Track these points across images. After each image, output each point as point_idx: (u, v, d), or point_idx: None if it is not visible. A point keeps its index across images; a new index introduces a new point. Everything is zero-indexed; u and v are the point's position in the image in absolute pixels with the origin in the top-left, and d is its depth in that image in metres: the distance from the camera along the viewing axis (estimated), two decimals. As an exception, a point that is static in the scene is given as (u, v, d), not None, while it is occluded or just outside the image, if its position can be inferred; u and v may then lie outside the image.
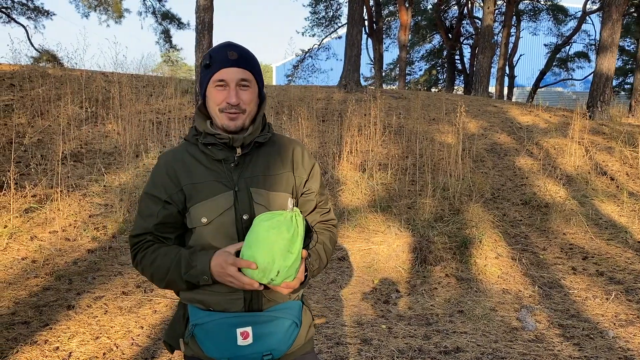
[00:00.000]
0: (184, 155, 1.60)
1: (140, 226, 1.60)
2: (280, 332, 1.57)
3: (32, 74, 9.19)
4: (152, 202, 1.59)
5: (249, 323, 1.53)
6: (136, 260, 1.61)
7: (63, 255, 4.71)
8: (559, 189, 6.74)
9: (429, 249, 5.11)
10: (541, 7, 24.23)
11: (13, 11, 20.58)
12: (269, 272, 1.44)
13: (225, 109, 1.54)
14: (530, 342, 3.65)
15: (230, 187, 1.55)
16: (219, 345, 1.53)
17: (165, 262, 1.53)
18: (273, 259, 1.43)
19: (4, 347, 3.28)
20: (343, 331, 3.76)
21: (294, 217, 1.47)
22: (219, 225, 1.54)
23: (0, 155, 6.16)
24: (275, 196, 1.58)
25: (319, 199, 1.72)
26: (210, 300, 1.55)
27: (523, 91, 29.84)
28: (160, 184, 1.58)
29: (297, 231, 1.46)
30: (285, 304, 1.60)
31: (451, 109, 9.75)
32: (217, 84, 1.54)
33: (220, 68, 1.53)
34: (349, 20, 11.73)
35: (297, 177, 1.65)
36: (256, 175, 1.58)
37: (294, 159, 1.66)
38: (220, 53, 1.55)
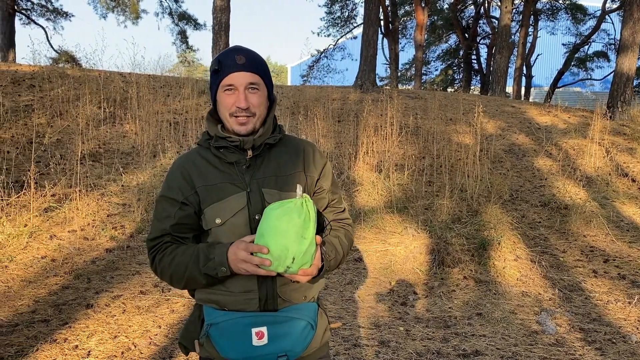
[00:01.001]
0: (197, 159, 1.62)
1: (158, 229, 1.62)
2: (295, 333, 1.56)
3: (52, 74, 9.30)
4: (169, 204, 1.60)
5: (264, 323, 1.53)
6: (155, 262, 1.61)
7: (82, 254, 4.75)
8: (579, 191, 6.64)
9: (446, 251, 5.06)
10: (559, 6, 23.94)
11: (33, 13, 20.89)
12: (284, 259, 1.43)
13: (235, 113, 1.55)
14: (551, 346, 3.59)
15: (242, 188, 1.57)
16: (234, 345, 1.53)
17: (184, 259, 1.54)
18: (287, 246, 1.43)
19: (25, 345, 3.31)
20: (360, 333, 3.73)
21: (303, 202, 1.47)
22: (232, 226, 1.55)
23: (21, 155, 6.24)
24: (287, 196, 1.58)
25: (330, 197, 1.72)
26: (225, 300, 1.55)
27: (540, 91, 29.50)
28: (175, 186, 1.60)
29: (308, 216, 1.46)
30: (301, 305, 1.59)
31: (468, 109, 9.67)
32: (226, 88, 1.56)
33: (229, 73, 1.55)
34: (365, 21, 11.69)
35: (308, 176, 1.66)
36: (268, 176, 1.60)
37: (305, 159, 1.67)
38: (228, 58, 1.57)
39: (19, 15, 19.40)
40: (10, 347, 3.27)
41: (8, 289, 4.06)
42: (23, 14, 20.17)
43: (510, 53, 16.93)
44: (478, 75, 26.36)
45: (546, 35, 26.31)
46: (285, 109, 9.12)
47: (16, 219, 5.00)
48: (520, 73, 21.01)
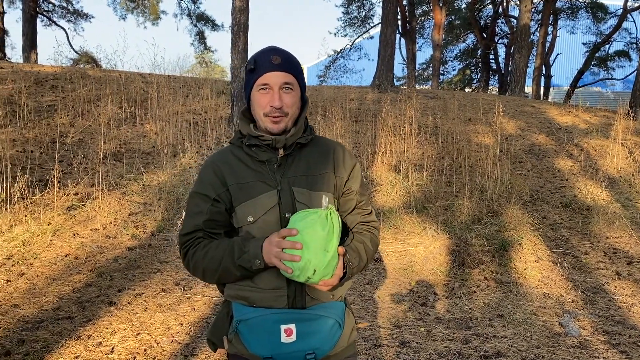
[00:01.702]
0: (230, 157, 1.64)
1: (190, 224, 1.63)
2: (323, 331, 1.56)
3: (73, 75, 9.44)
4: (201, 200, 1.62)
5: (293, 320, 1.54)
6: (187, 257, 1.62)
7: (104, 252, 4.81)
8: (601, 192, 6.55)
9: (467, 252, 5.03)
10: (580, 4, 23.61)
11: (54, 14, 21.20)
12: (305, 270, 1.45)
13: (270, 112, 1.57)
14: (574, 348, 3.55)
15: (273, 186, 1.58)
16: (262, 342, 1.54)
17: (218, 253, 1.56)
18: (309, 259, 1.44)
19: (50, 340, 3.37)
20: (380, 333, 3.73)
21: (328, 214, 1.47)
22: (264, 223, 1.57)
23: (44, 154, 6.34)
24: (317, 195, 1.60)
25: (359, 199, 1.72)
26: (254, 296, 1.56)
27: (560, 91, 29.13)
28: (208, 183, 1.62)
29: (332, 229, 1.47)
30: (329, 304, 1.60)
31: (488, 109, 9.59)
32: (261, 87, 1.57)
33: (265, 72, 1.56)
34: (383, 20, 11.66)
35: (338, 177, 1.66)
36: (298, 175, 1.61)
37: (335, 159, 1.68)
38: (264, 57, 1.58)
39: (41, 17, 19.71)
40: (36, 343, 3.33)
41: (33, 286, 4.13)
42: (44, 15, 20.49)
43: (529, 53, 16.75)
44: (496, 75, 26.13)
45: (566, 34, 25.97)
46: (303, 109, 9.13)
47: (40, 217, 5.08)
48: (540, 73, 20.78)
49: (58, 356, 3.21)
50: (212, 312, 3.91)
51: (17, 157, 6.08)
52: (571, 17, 24.26)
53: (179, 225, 5.35)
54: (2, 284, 4.09)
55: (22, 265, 4.41)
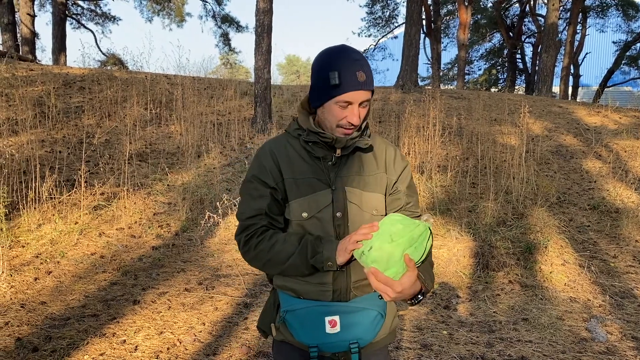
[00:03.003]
0: (287, 147, 1.65)
1: (252, 207, 1.63)
2: (366, 322, 1.61)
3: (100, 77, 9.61)
4: (262, 185, 1.62)
5: (337, 312, 1.58)
6: (249, 244, 1.62)
7: (129, 251, 4.88)
8: (631, 194, 6.39)
9: (491, 254, 4.96)
10: (610, 2, 23.10)
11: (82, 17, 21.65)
12: (366, 244, 1.42)
13: (345, 125, 1.57)
14: (602, 354, 3.47)
15: (327, 184, 1.60)
16: (308, 332, 1.59)
17: (287, 248, 1.56)
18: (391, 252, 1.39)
19: (76, 338, 3.43)
20: (402, 336, 3.70)
21: (426, 229, 1.43)
22: (317, 221, 1.59)
23: (72, 155, 6.46)
24: (368, 196, 1.63)
25: (406, 200, 1.71)
26: (301, 289, 1.60)
27: (589, 91, 28.56)
28: (268, 170, 1.62)
29: (422, 242, 1.43)
30: (371, 295, 1.63)
31: (513, 110, 9.45)
32: (342, 104, 1.54)
33: (350, 90, 1.52)
34: (407, 20, 11.59)
35: (388, 178, 1.69)
36: (351, 175, 1.63)
37: (387, 160, 1.70)
38: (349, 73, 1.52)
39: (70, 20, 20.14)
40: (63, 340, 3.39)
41: (60, 284, 4.21)
42: (73, 18, 20.94)
43: (557, 52, 16.45)
44: (523, 75, 25.75)
45: (595, 33, 25.44)
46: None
47: (67, 216, 5.18)
48: (568, 72, 20.39)
49: (83, 353, 3.26)
50: (234, 311, 3.94)
51: (45, 157, 6.21)
52: (601, 15, 23.74)
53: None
54: (30, 282, 4.18)
55: (49, 263, 4.50)
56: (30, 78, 8.85)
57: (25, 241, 4.76)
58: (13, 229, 4.88)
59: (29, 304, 3.87)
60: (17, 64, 9.96)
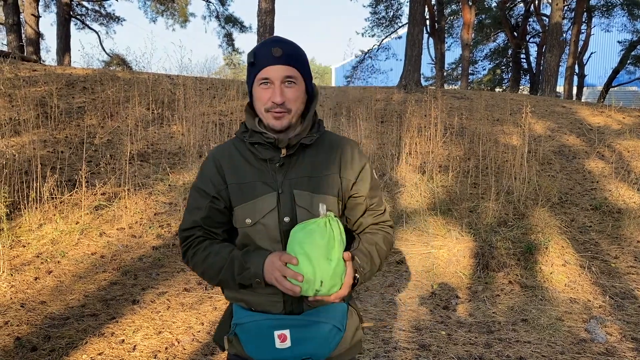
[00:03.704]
0: (232, 152, 1.59)
1: (189, 220, 1.60)
2: (319, 337, 1.53)
3: (103, 77, 9.64)
4: (200, 195, 1.58)
5: (287, 326, 1.51)
6: (187, 256, 1.61)
7: (129, 251, 4.89)
8: (633, 194, 6.36)
9: (491, 255, 4.95)
10: (615, 2, 23.00)
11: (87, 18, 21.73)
12: (312, 283, 1.41)
13: (271, 108, 1.50)
14: (601, 355, 3.45)
15: (274, 188, 1.52)
16: (258, 346, 1.53)
17: (218, 261, 1.53)
18: (314, 270, 1.40)
19: (75, 337, 3.44)
20: (401, 336, 3.69)
21: (327, 222, 1.43)
22: (263, 227, 1.52)
23: (73, 155, 6.49)
24: (319, 199, 1.53)
25: (369, 202, 1.64)
26: (252, 300, 1.55)
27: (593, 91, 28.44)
28: (209, 179, 1.58)
29: (332, 236, 1.43)
30: (327, 307, 1.56)
31: (516, 110, 9.43)
32: (262, 82, 1.50)
33: (265, 66, 1.49)
34: (410, 20, 11.57)
35: (343, 179, 1.58)
36: (301, 177, 1.54)
37: (342, 159, 1.59)
38: (264, 50, 1.50)
39: (74, 20, 20.21)
40: (62, 339, 3.41)
41: (60, 284, 4.23)
42: (78, 19, 21.03)
43: (562, 52, 16.40)
44: (527, 75, 25.67)
45: (600, 32, 25.35)
46: (328, 109, 9.14)
47: (69, 216, 5.20)
48: (572, 72, 20.31)
49: (82, 353, 3.28)
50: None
51: (47, 157, 6.24)
52: (606, 14, 23.64)
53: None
54: (31, 281, 4.20)
55: (50, 263, 4.52)
56: (33, 78, 8.89)
57: (26, 241, 4.78)
58: (14, 228, 4.90)
59: (28, 303, 3.88)
60: (20, 64, 10.01)
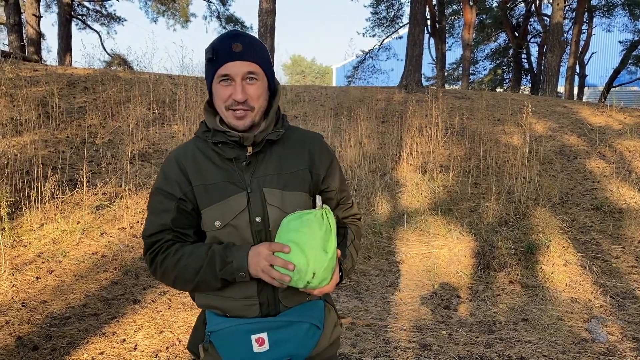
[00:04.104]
0: (196, 152, 1.51)
1: (156, 223, 1.49)
2: (297, 336, 1.48)
3: (104, 77, 9.65)
4: (166, 198, 1.48)
5: (264, 329, 1.46)
6: (155, 263, 1.49)
7: (130, 251, 4.90)
8: (634, 194, 6.36)
9: (492, 254, 4.95)
10: (616, 2, 22.99)
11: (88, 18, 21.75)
12: (304, 274, 1.34)
13: (232, 105, 1.44)
14: (602, 354, 3.45)
15: (242, 187, 1.46)
16: (235, 353, 1.47)
17: (194, 262, 1.43)
18: (307, 260, 1.34)
19: (76, 336, 3.45)
20: (401, 335, 3.69)
21: (324, 214, 1.38)
22: (233, 229, 1.46)
23: (75, 155, 6.50)
24: (290, 195, 1.48)
25: (339, 196, 1.62)
26: (225, 306, 1.48)
27: (595, 91, 28.43)
28: (173, 180, 1.49)
29: (329, 229, 1.38)
30: (303, 306, 1.52)
31: (517, 110, 9.42)
32: (222, 79, 1.43)
33: (224, 62, 1.42)
34: (411, 20, 11.58)
35: (314, 173, 1.54)
36: (269, 175, 1.48)
37: (310, 154, 1.55)
38: (223, 45, 1.43)
39: (75, 20, 20.23)
40: (63, 339, 3.41)
41: (62, 283, 4.23)
42: (79, 19, 21.04)
43: (563, 52, 16.38)
44: (528, 75, 25.67)
45: (601, 32, 25.35)
46: (328, 109, 9.14)
47: (70, 216, 5.20)
48: (573, 72, 20.30)
49: (83, 352, 3.28)
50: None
51: (48, 157, 6.25)
52: (607, 14, 23.63)
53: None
54: (32, 281, 4.20)
55: (51, 262, 4.52)
56: (34, 78, 8.90)
57: (28, 240, 4.79)
58: (15, 228, 4.91)
59: (30, 302, 3.89)
60: (21, 64, 10.02)
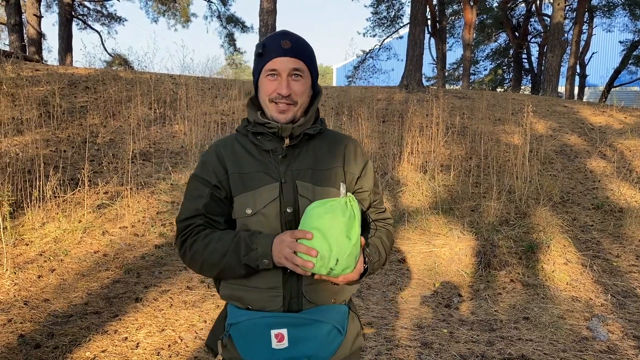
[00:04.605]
0: (235, 144, 1.57)
1: (190, 208, 1.54)
2: (319, 337, 1.45)
3: (105, 77, 9.67)
4: (202, 184, 1.55)
5: (285, 324, 1.44)
6: (185, 246, 1.52)
7: (132, 249, 4.91)
8: (635, 193, 6.36)
9: (493, 253, 4.95)
10: (616, 2, 22.99)
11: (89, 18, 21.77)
12: (327, 260, 1.34)
13: (276, 99, 1.49)
14: (602, 352, 3.46)
15: (276, 178, 1.50)
16: (253, 347, 1.45)
17: (221, 246, 1.46)
18: (330, 246, 1.34)
19: (78, 335, 3.46)
20: (402, 334, 3.70)
21: (347, 201, 1.39)
22: (263, 217, 1.48)
23: (76, 154, 6.51)
24: (322, 191, 1.51)
25: (372, 198, 1.64)
26: (249, 297, 1.48)
27: (595, 91, 28.43)
28: (210, 168, 1.55)
29: (353, 216, 1.38)
30: (328, 307, 1.50)
31: (518, 109, 9.43)
32: (269, 73, 1.49)
33: (273, 57, 1.48)
34: (412, 20, 11.59)
35: (347, 172, 1.58)
36: (304, 169, 1.52)
37: (345, 154, 1.59)
38: (273, 42, 1.50)
39: (76, 20, 20.25)
40: (65, 337, 3.42)
41: (63, 282, 4.24)
42: (80, 19, 21.06)
43: (563, 52, 16.38)
44: (529, 75, 25.67)
45: (602, 32, 25.35)
46: (329, 109, 9.15)
47: (71, 215, 5.21)
48: (573, 72, 20.30)
49: (85, 350, 3.29)
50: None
51: (50, 156, 6.26)
52: (607, 14, 23.63)
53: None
54: (34, 279, 4.21)
55: (53, 261, 4.53)
56: (35, 78, 8.91)
57: (29, 239, 4.80)
58: (17, 227, 4.92)
59: (32, 301, 3.90)
60: (22, 64, 10.03)
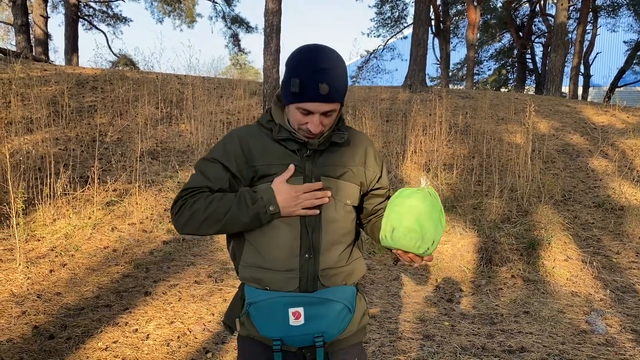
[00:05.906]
0: (262, 137, 1.61)
1: (202, 182, 1.58)
2: (331, 315, 1.57)
3: (112, 77, 9.79)
4: (222, 168, 1.58)
5: (301, 303, 1.55)
6: (184, 207, 1.56)
7: (141, 245, 5.02)
8: (636, 192, 6.43)
9: (494, 250, 5.04)
10: (621, 2, 22.97)
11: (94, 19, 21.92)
12: (425, 241, 1.44)
13: (305, 131, 1.55)
14: (600, 345, 3.55)
15: (300, 172, 1.57)
16: (271, 324, 1.56)
17: (224, 204, 1.53)
18: (434, 228, 1.45)
19: (90, 326, 3.57)
20: (405, 327, 3.80)
21: (430, 192, 1.49)
22: None
23: (85, 152, 6.62)
24: (344, 185, 1.60)
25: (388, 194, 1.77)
26: (268, 278, 1.57)
27: (599, 91, 28.41)
28: (232, 155, 1.58)
29: (440, 207, 1.49)
30: (338, 288, 1.61)
31: (521, 109, 9.50)
32: (302, 110, 1.52)
33: (309, 101, 1.49)
34: (415, 20, 11.67)
35: (368, 170, 1.68)
36: (327, 165, 1.60)
37: (366, 153, 1.69)
38: (311, 84, 1.46)
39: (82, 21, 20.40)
40: (77, 328, 3.53)
41: (75, 276, 4.35)
42: (85, 19, 21.21)
43: (567, 52, 16.43)
44: (533, 75, 25.69)
45: (606, 32, 25.32)
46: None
47: (81, 211, 5.33)
48: (577, 72, 20.32)
49: (97, 341, 3.40)
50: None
51: (59, 154, 6.38)
52: (611, 14, 23.60)
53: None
54: (46, 274, 4.33)
55: (64, 256, 4.65)
56: (44, 78, 9.04)
57: (41, 235, 4.91)
58: (29, 223, 5.03)
59: (44, 294, 4.01)
60: (31, 64, 10.17)
